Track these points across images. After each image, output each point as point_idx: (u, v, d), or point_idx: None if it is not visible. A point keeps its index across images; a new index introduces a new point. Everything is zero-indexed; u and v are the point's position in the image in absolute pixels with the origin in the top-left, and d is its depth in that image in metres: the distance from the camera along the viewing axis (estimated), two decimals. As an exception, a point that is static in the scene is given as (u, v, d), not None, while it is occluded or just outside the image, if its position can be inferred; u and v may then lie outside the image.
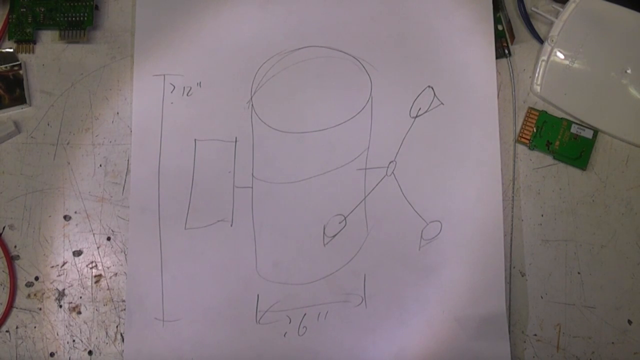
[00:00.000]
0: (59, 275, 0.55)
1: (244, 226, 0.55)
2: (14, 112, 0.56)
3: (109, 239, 0.55)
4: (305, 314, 0.55)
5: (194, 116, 0.56)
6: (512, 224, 0.56)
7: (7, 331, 0.54)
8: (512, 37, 0.59)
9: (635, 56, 0.57)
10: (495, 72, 0.57)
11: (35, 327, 0.54)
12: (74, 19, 0.56)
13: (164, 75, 0.56)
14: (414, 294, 0.55)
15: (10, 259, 0.54)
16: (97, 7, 0.58)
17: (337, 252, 0.55)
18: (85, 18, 0.56)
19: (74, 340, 0.54)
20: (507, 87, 0.58)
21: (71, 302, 0.54)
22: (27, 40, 0.57)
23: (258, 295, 0.55)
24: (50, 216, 0.55)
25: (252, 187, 0.55)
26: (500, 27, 0.59)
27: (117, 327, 0.54)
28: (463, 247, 0.55)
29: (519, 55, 0.59)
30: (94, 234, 0.55)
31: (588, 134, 0.57)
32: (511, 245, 0.56)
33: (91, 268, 0.55)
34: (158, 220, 0.55)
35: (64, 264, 0.55)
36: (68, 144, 0.56)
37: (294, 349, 0.54)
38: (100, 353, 0.54)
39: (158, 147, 0.55)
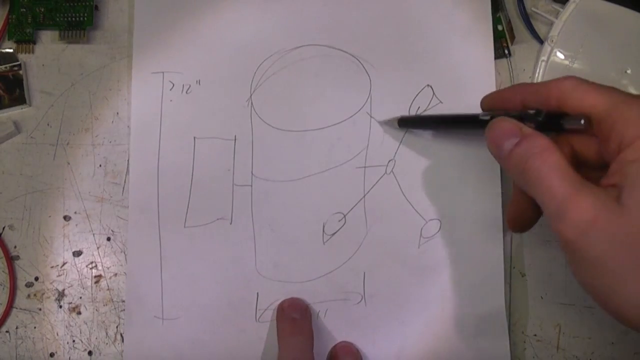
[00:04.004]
0: (59, 276, 0.55)
1: (243, 224, 0.55)
2: (13, 112, 0.56)
3: (108, 239, 0.55)
4: (304, 312, 0.55)
5: (193, 114, 0.56)
6: (512, 224, 0.56)
7: (7, 331, 0.54)
8: (512, 37, 0.59)
9: (635, 56, 0.57)
10: (494, 70, 0.57)
11: (35, 328, 0.54)
12: (73, 19, 0.56)
13: (163, 72, 0.56)
14: (413, 292, 0.55)
15: (10, 259, 0.54)
16: (96, 8, 0.58)
17: (337, 250, 0.55)
18: (85, 18, 0.56)
19: (74, 341, 0.54)
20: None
21: (71, 303, 0.54)
22: (27, 41, 0.57)
23: (257, 294, 0.55)
24: (50, 216, 0.55)
25: (251, 185, 0.55)
26: (500, 28, 0.59)
27: (117, 327, 0.54)
28: (462, 245, 0.55)
29: (518, 55, 0.59)
30: (93, 234, 0.55)
31: (588, 133, 0.57)
32: (511, 245, 0.56)
33: (91, 268, 0.55)
34: (157, 218, 0.54)
35: (64, 264, 0.55)
36: (68, 144, 0.56)
37: (294, 346, 0.54)
38: (100, 353, 0.54)
39: (157, 144, 0.55)
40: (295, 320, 0.53)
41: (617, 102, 0.38)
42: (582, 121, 0.39)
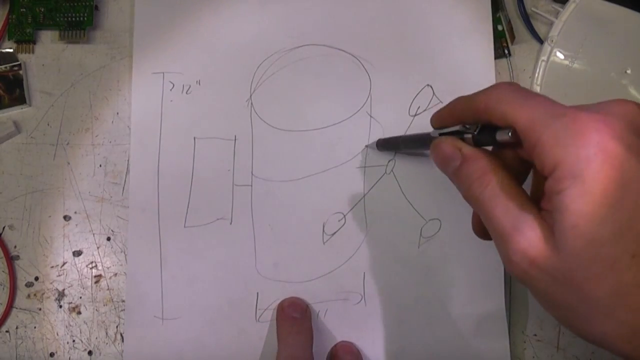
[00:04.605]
0: (59, 276, 0.55)
1: (243, 224, 0.55)
2: (13, 112, 0.56)
3: (108, 239, 0.55)
4: (304, 312, 0.55)
5: (193, 114, 0.56)
6: (512, 224, 0.56)
7: (7, 331, 0.54)
8: (512, 37, 0.59)
9: (635, 56, 0.57)
10: (494, 70, 0.57)
11: (35, 327, 0.54)
12: (73, 19, 0.56)
13: (163, 73, 0.56)
14: (413, 292, 0.55)
15: (10, 259, 0.54)
16: (96, 8, 0.58)
17: (337, 250, 0.55)
18: (85, 18, 0.56)
19: (74, 341, 0.54)
20: (507, 87, 0.58)
21: (71, 302, 0.54)
22: (27, 41, 0.57)
23: (257, 293, 0.55)
24: (50, 216, 0.55)
25: (251, 185, 0.55)
26: (500, 28, 0.59)
27: (117, 327, 0.54)
28: (462, 245, 0.55)
29: (519, 55, 0.59)
30: (93, 234, 0.55)
31: (588, 133, 0.57)
32: (511, 245, 0.56)
33: (91, 268, 0.55)
34: (157, 218, 0.55)
35: (64, 264, 0.55)
36: (68, 144, 0.56)
37: (294, 346, 0.54)
38: (100, 353, 0.54)
39: (157, 144, 0.55)
40: (295, 319, 0.53)
41: (537, 119, 0.34)
42: (510, 134, 0.36)
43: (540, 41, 0.59)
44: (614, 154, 0.31)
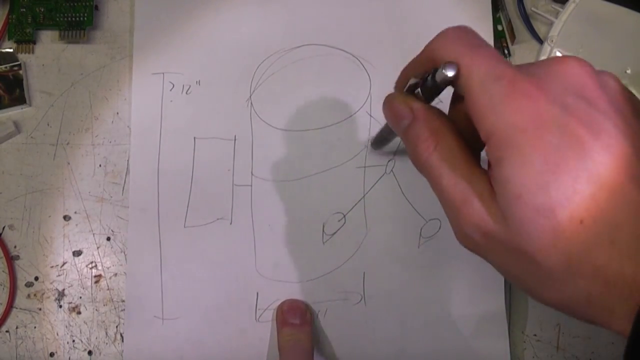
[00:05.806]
0: (59, 276, 0.55)
1: (243, 224, 0.55)
2: (13, 112, 0.56)
3: (108, 239, 0.55)
4: (304, 312, 0.55)
5: (193, 114, 0.56)
6: (512, 223, 0.56)
7: (7, 331, 0.54)
8: (512, 37, 0.59)
9: (635, 56, 0.57)
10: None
11: (35, 327, 0.54)
12: (73, 19, 0.56)
13: (163, 73, 0.56)
14: (413, 292, 0.55)
15: (10, 259, 0.54)
16: (96, 8, 0.58)
17: (336, 250, 0.55)
18: (85, 18, 0.56)
19: (73, 341, 0.54)
20: (507, 87, 0.58)
21: (71, 302, 0.54)
22: (27, 41, 0.57)
23: (257, 294, 0.54)
24: (50, 216, 0.55)
25: (251, 185, 0.55)
26: (500, 28, 0.59)
27: (117, 327, 0.54)
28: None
29: (519, 55, 0.59)
30: (93, 234, 0.55)
31: (588, 133, 0.56)
32: (511, 245, 0.56)
33: (91, 268, 0.55)
34: (157, 218, 0.55)
35: (64, 264, 0.55)
36: (68, 144, 0.56)
37: (293, 346, 0.54)
38: (100, 353, 0.54)
39: (157, 145, 0.55)
40: (294, 325, 0.53)
41: (476, 80, 0.32)
42: (449, 73, 0.33)
43: (540, 41, 0.59)
44: (550, 119, 0.30)
